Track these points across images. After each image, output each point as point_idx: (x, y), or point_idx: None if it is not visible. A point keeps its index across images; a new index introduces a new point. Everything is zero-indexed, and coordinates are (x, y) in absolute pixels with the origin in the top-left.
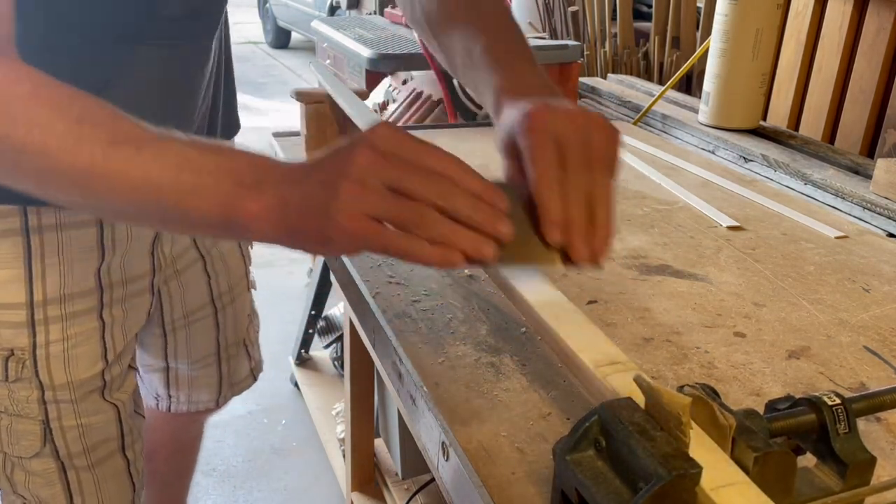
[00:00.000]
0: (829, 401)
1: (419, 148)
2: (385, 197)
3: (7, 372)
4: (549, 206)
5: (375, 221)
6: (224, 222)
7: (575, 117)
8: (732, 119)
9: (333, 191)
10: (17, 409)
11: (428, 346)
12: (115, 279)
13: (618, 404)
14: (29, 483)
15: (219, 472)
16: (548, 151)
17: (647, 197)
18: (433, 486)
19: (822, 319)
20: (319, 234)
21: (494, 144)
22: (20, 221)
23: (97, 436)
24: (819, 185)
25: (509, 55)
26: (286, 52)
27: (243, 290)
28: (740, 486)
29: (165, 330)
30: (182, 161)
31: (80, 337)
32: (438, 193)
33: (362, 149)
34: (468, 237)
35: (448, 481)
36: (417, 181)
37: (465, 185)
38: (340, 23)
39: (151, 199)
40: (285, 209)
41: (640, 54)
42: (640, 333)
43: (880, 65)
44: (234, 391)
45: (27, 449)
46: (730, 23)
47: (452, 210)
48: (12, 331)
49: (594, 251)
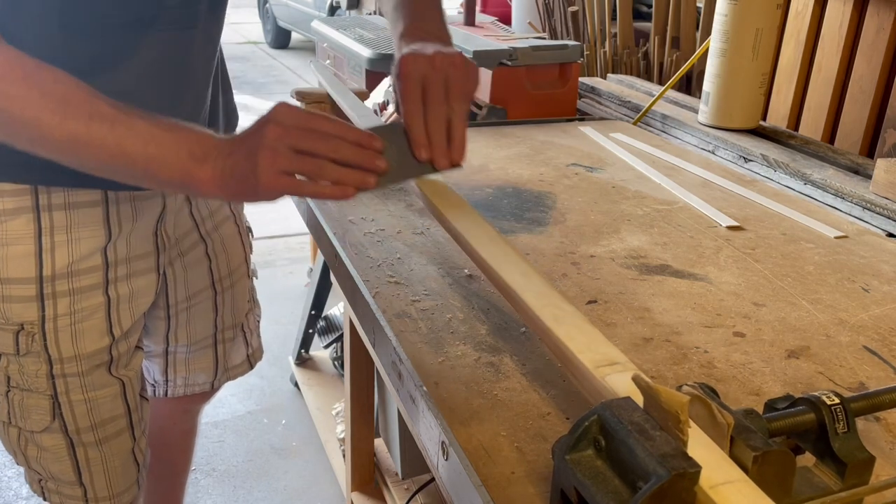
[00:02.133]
0: (829, 400)
1: (312, 118)
2: (293, 158)
3: (18, 346)
4: (415, 134)
5: (289, 176)
6: (182, 184)
7: (436, 61)
8: (732, 119)
9: (254, 159)
10: (28, 384)
11: (428, 346)
12: (121, 257)
13: (617, 404)
14: (41, 458)
15: (219, 472)
16: (413, 92)
17: (647, 197)
18: (433, 486)
19: (821, 319)
20: (251, 191)
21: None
22: (31, 200)
23: (104, 412)
24: (819, 185)
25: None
26: (286, 52)
27: (243, 276)
28: (739, 484)
29: (169, 313)
30: (147, 136)
31: (87, 311)
32: (330, 149)
33: (271, 125)
34: (356, 175)
35: (448, 481)
36: (314, 142)
37: (349, 139)
38: (340, 23)
39: (125, 163)
40: (224, 177)
41: (640, 54)
42: (639, 333)
43: (880, 65)
44: (230, 375)
45: (37, 423)
46: (730, 23)
47: (342, 159)
48: (23, 305)
49: (452, 160)
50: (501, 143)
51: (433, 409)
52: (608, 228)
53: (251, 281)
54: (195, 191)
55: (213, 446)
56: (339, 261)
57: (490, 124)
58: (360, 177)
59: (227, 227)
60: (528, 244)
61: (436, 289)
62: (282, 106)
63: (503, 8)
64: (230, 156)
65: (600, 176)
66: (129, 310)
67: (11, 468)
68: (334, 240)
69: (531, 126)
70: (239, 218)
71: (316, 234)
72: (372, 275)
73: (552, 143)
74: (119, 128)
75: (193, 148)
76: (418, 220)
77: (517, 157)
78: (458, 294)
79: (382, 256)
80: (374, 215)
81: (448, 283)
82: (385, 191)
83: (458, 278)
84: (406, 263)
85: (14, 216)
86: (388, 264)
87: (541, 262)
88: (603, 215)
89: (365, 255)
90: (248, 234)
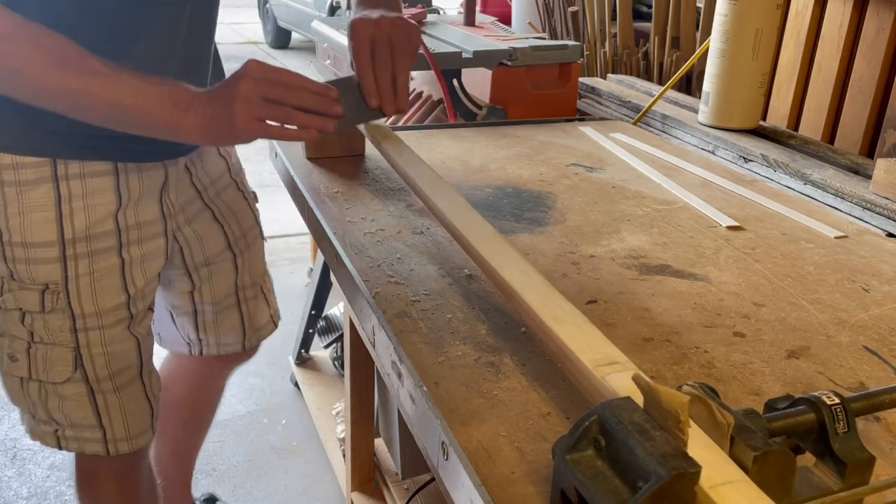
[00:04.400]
0: (829, 400)
1: (279, 72)
2: (264, 106)
3: (44, 304)
4: (366, 84)
5: (261, 121)
6: (170, 131)
7: (382, 24)
8: (732, 119)
9: (231, 108)
10: (52, 338)
11: (428, 346)
12: (131, 223)
13: (617, 404)
14: (62, 407)
15: (219, 472)
16: (363, 51)
17: (647, 197)
18: (433, 486)
19: (821, 319)
20: (230, 135)
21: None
22: (51, 171)
23: (121, 363)
24: (819, 185)
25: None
26: (286, 53)
27: (256, 237)
28: (739, 484)
29: (189, 270)
30: (137, 89)
31: (104, 271)
32: (295, 98)
33: (244, 79)
34: (317, 120)
35: (448, 481)
36: (282, 93)
37: (311, 89)
38: (340, 23)
39: (120, 112)
40: (206, 123)
41: (640, 54)
42: (639, 333)
43: (880, 65)
44: (259, 336)
45: (60, 374)
46: (730, 23)
47: (305, 106)
48: (48, 266)
49: (398, 106)
50: (501, 143)
51: (433, 409)
52: (608, 228)
53: (263, 244)
54: (183, 136)
55: (214, 446)
56: (339, 261)
57: (490, 124)
58: (320, 121)
59: (229, 194)
60: (528, 244)
61: (436, 289)
62: (253, 62)
63: (503, 8)
64: (210, 105)
65: (600, 176)
66: (141, 270)
67: (11, 468)
68: (334, 240)
69: (531, 126)
70: (242, 184)
71: (316, 234)
72: (372, 275)
73: (552, 143)
74: (113, 82)
75: (177, 99)
76: (418, 220)
77: (517, 157)
78: (458, 294)
79: (382, 256)
80: (374, 215)
81: (448, 283)
82: (384, 191)
83: (458, 278)
84: (406, 263)
85: (35, 186)
86: (388, 264)
87: (541, 262)
88: (603, 215)
89: (365, 255)
90: (254, 199)
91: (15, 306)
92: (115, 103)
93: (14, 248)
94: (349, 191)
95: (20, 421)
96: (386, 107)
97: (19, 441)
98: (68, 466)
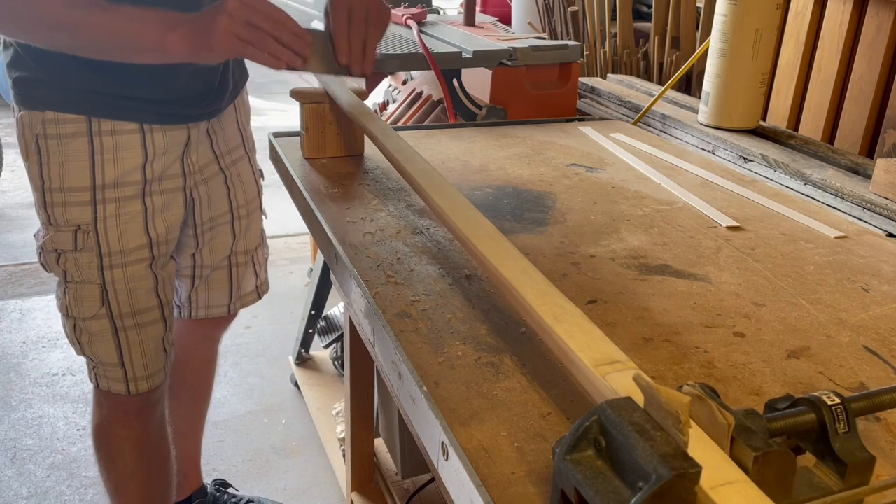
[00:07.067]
0: (829, 400)
1: (265, 3)
2: (244, 27)
3: (76, 243)
4: (339, 43)
5: (239, 39)
6: (159, 47)
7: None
8: (732, 119)
9: (214, 22)
10: (82, 276)
11: (428, 346)
12: (156, 175)
13: (617, 404)
14: (91, 343)
15: (219, 472)
16: (341, 15)
17: (647, 197)
18: (433, 487)
19: (821, 319)
20: (209, 48)
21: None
22: (87, 126)
23: (142, 301)
24: (818, 185)
25: None
26: None
27: (256, 209)
28: (739, 484)
29: (196, 231)
30: (132, 16)
31: (129, 216)
32: (274, 28)
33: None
34: (288, 53)
35: (448, 481)
36: (262, 20)
37: (289, 27)
38: None
39: (117, 41)
40: (190, 37)
41: (640, 54)
42: (639, 333)
43: (880, 65)
44: (243, 302)
45: (89, 310)
46: (729, 23)
47: (280, 38)
48: (80, 209)
49: (363, 69)
50: (501, 143)
51: (433, 409)
52: (608, 228)
53: (262, 219)
54: (169, 50)
55: (214, 446)
56: (339, 261)
57: (490, 124)
58: (290, 56)
59: (242, 165)
60: (528, 244)
61: (436, 289)
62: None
63: (503, 8)
64: (195, 21)
65: (600, 176)
66: (161, 218)
67: (11, 468)
68: (334, 240)
69: (531, 126)
70: (252, 159)
71: (316, 234)
72: (372, 275)
73: (552, 143)
74: (112, 12)
75: (167, 19)
76: (418, 220)
77: (517, 157)
78: (458, 294)
79: (382, 256)
80: (373, 215)
81: (448, 283)
82: (384, 191)
83: (458, 278)
84: (406, 263)
85: (73, 139)
86: (388, 264)
87: (541, 261)
88: (603, 215)
89: (365, 255)
90: (260, 176)
91: (52, 248)
92: (112, 31)
93: (53, 193)
94: (349, 191)
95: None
96: (353, 66)
97: (19, 441)
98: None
